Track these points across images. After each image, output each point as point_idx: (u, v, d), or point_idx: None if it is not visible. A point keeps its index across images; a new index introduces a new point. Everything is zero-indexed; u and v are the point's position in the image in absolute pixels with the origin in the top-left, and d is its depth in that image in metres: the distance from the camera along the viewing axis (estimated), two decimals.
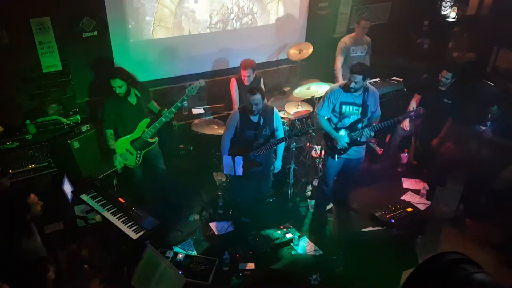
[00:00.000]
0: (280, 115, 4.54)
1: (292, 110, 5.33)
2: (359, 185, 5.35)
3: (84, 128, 4.90)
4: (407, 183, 5.61)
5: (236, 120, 4.22)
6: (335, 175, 4.71)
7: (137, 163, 4.61)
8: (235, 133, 4.27)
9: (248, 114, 4.16)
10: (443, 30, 6.82)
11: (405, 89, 6.36)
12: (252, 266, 4.28)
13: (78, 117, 5.02)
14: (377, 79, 6.27)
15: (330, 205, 5.15)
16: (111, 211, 4.16)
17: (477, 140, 4.84)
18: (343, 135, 4.37)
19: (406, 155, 5.93)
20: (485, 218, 4.93)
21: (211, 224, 4.84)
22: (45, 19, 4.71)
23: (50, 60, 4.92)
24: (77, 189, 4.42)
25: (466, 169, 5.16)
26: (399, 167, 5.90)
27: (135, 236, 3.90)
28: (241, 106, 4.38)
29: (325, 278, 3.96)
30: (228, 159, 4.24)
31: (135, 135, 4.51)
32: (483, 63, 6.52)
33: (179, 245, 4.50)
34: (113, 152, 4.48)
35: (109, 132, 4.49)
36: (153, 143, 4.63)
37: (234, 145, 4.31)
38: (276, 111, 4.33)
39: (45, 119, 4.90)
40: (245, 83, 5.21)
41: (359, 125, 4.33)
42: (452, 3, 6.61)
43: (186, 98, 4.44)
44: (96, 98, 5.31)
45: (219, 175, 5.43)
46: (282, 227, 4.72)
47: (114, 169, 5.10)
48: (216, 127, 5.41)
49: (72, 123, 4.95)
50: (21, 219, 3.05)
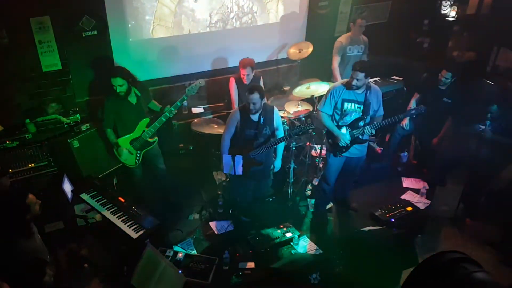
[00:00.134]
0: (280, 114, 4.54)
1: (292, 110, 5.33)
2: (359, 184, 5.37)
3: (84, 127, 4.89)
4: (407, 182, 5.61)
5: (236, 119, 4.22)
6: (337, 173, 4.71)
7: (136, 162, 4.61)
8: (235, 132, 4.27)
9: (248, 113, 4.17)
10: (443, 29, 6.80)
11: (405, 88, 6.36)
12: (252, 265, 4.28)
13: (78, 116, 5.01)
14: (377, 78, 6.27)
15: (330, 205, 5.15)
16: (111, 210, 4.16)
17: (477, 139, 4.84)
18: (345, 132, 4.38)
19: (406, 154, 5.94)
20: (485, 217, 4.94)
21: (211, 223, 4.85)
22: (45, 18, 4.71)
23: (50, 60, 4.92)
24: (77, 188, 4.41)
25: (466, 168, 5.17)
26: (399, 166, 5.90)
27: (135, 235, 3.90)
28: (241, 105, 4.38)
29: (325, 277, 3.95)
30: (228, 158, 4.24)
31: (135, 134, 4.51)
32: (483, 62, 6.50)
33: (179, 244, 4.51)
34: (117, 146, 4.49)
35: (109, 130, 4.51)
36: (153, 142, 4.63)
37: (234, 144, 4.31)
38: (276, 110, 4.33)
39: (45, 118, 4.89)
40: (245, 82, 5.20)
41: (360, 123, 4.34)
42: (452, 2, 6.60)
43: (186, 97, 4.45)
44: (96, 97, 5.31)
45: (219, 174, 5.43)
46: (282, 226, 4.72)
47: (114, 168, 5.11)
48: (216, 126, 5.41)
49: (72, 122, 4.94)
50: (21, 219, 3.05)
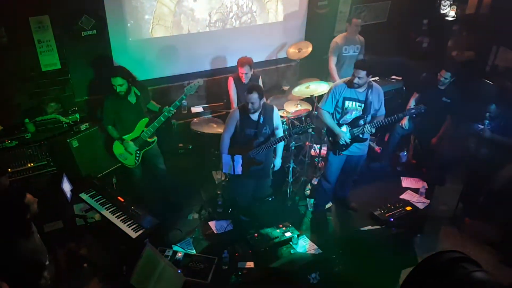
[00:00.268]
0: (280, 114, 4.54)
1: (291, 109, 5.33)
2: (358, 183, 5.37)
3: (83, 127, 4.88)
4: (406, 182, 5.61)
5: (236, 118, 4.22)
6: (337, 172, 4.71)
7: (136, 162, 4.60)
8: (235, 132, 4.27)
9: (247, 112, 4.16)
10: (442, 29, 6.81)
11: (404, 88, 6.37)
12: (251, 265, 4.28)
13: (77, 115, 5.00)
14: (376, 78, 6.27)
15: (329, 204, 5.15)
16: (110, 210, 4.15)
17: (476, 139, 4.84)
18: (345, 131, 4.38)
19: (405, 154, 5.94)
20: (484, 217, 4.94)
21: (210, 223, 4.85)
22: (44, 17, 4.70)
23: (49, 59, 4.91)
24: (76, 187, 4.41)
25: (465, 167, 5.17)
26: (398, 165, 5.90)
27: (134, 235, 3.90)
28: (240, 105, 4.38)
29: (324, 277, 3.96)
30: (227, 158, 4.24)
31: (134, 134, 4.51)
32: (482, 62, 6.51)
33: (178, 244, 4.50)
34: (122, 140, 4.49)
35: (110, 127, 4.50)
36: (152, 142, 4.63)
37: (234, 144, 4.31)
38: (275, 109, 4.33)
39: (44, 118, 4.88)
40: (243, 80, 5.20)
41: (361, 121, 4.34)
42: (451, 2, 6.61)
43: (184, 97, 4.45)
44: (95, 96, 5.30)
45: (218, 174, 5.43)
46: (281, 226, 4.72)
47: (113, 168, 5.10)
48: (215, 125, 5.41)
49: (71, 122, 4.93)
50: (20, 218, 3.05)
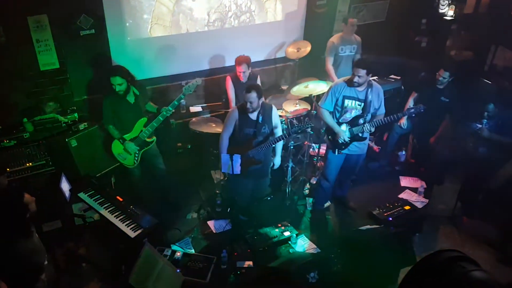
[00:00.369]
0: (278, 113, 4.54)
1: (290, 109, 5.33)
2: (357, 183, 5.37)
3: (82, 126, 4.88)
4: (405, 181, 5.61)
5: (234, 118, 4.21)
6: (336, 171, 4.71)
7: (135, 162, 4.59)
8: (233, 131, 4.27)
9: (246, 112, 4.16)
10: (440, 29, 6.81)
11: (402, 87, 6.37)
12: (250, 264, 4.28)
13: (76, 115, 5.00)
14: (375, 77, 6.27)
15: (328, 203, 5.15)
16: (109, 210, 4.15)
17: (474, 138, 4.85)
18: (345, 130, 4.39)
19: (404, 153, 5.94)
20: (483, 216, 4.95)
21: (209, 223, 4.85)
22: (42, 16, 4.69)
23: (48, 58, 4.91)
24: (75, 187, 4.40)
25: (463, 167, 5.18)
26: (396, 165, 5.91)
27: (133, 235, 3.90)
28: (239, 104, 4.37)
29: (323, 276, 3.96)
30: (226, 158, 4.23)
31: (133, 134, 4.50)
32: (480, 61, 6.52)
33: (177, 243, 4.50)
34: (123, 140, 4.47)
35: (111, 127, 4.48)
36: (151, 142, 4.62)
37: (233, 143, 4.31)
38: (274, 108, 4.33)
39: (43, 117, 4.88)
40: (241, 79, 5.20)
41: (360, 120, 4.35)
42: (450, 2, 6.61)
43: (183, 96, 4.44)
44: (94, 96, 5.30)
45: (217, 173, 5.43)
46: (280, 225, 4.72)
47: (111, 167, 5.09)
48: (214, 125, 5.40)
49: (69, 121, 4.93)
50: (20, 218, 3.04)
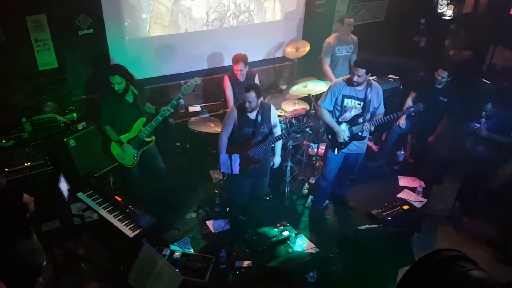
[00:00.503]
0: (277, 113, 4.54)
1: (289, 108, 5.33)
2: (356, 183, 5.38)
3: (80, 126, 4.87)
4: (404, 180, 5.62)
5: (233, 118, 4.21)
6: (336, 170, 4.71)
7: (134, 162, 4.59)
8: (232, 131, 4.27)
9: (245, 111, 4.16)
10: (439, 28, 6.82)
11: (401, 87, 6.37)
12: (248, 264, 4.27)
13: (74, 115, 4.99)
14: (373, 77, 6.27)
15: (326, 202, 5.15)
16: (107, 209, 4.14)
17: (472, 137, 4.85)
18: (344, 129, 4.39)
19: (403, 153, 5.95)
20: (482, 216, 4.96)
21: (208, 222, 4.84)
22: (41, 16, 4.68)
23: (46, 58, 4.90)
24: (74, 187, 4.39)
25: (462, 166, 5.18)
26: (395, 164, 5.91)
27: (131, 234, 3.89)
28: (238, 104, 4.37)
29: (322, 275, 3.96)
30: (225, 157, 4.23)
31: (132, 134, 4.49)
32: (479, 61, 6.53)
33: (176, 243, 4.50)
34: (121, 143, 4.46)
35: (108, 128, 4.46)
36: (150, 142, 4.61)
37: (232, 143, 4.31)
38: (273, 108, 4.34)
39: (41, 117, 4.87)
40: (238, 77, 5.19)
41: (360, 119, 4.35)
42: (448, 1, 6.62)
43: (182, 96, 4.44)
44: (93, 96, 5.29)
45: (216, 173, 5.43)
46: (279, 225, 4.72)
47: (110, 167, 5.09)
48: (212, 125, 5.40)
49: (68, 121, 4.92)
50: (20, 218, 3.04)
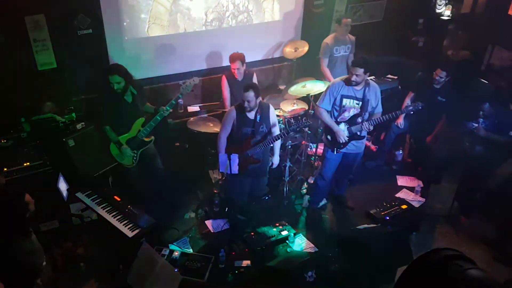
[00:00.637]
0: (276, 113, 4.55)
1: (287, 108, 5.34)
2: (354, 182, 5.39)
3: (79, 126, 4.87)
4: (402, 180, 5.63)
5: (232, 117, 4.22)
6: (333, 169, 4.72)
7: (134, 162, 4.59)
8: (231, 130, 4.28)
9: (244, 111, 4.17)
10: (438, 28, 6.84)
11: (399, 87, 6.38)
12: (248, 263, 4.29)
13: (73, 115, 4.98)
14: (371, 77, 6.27)
15: (324, 202, 5.16)
16: (106, 209, 4.14)
17: (470, 137, 4.87)
18: (343, 129, 4.40)
19: (401, 152, 5.96)
20: (480, 215, 4.97)
21: (207, 222, 4.85)
22: (40, 16, 4.69)
23: (45, 58, 4.90)
24: (73, 187, 4.39)
25: (460, 166, 5.19)
26: (394, 164, 5.92)
27: (130, 234, 3.89)
28: (237, 104, 4.38)
29: (321, 275, 3.98)
30: (224, 157, 4.24)
31: (131, 134, 4.49)
32: (477, 61, 6.55)
33: (175, 243, 4.50)
34: (120, 144, 4.46)
35: (108, 128, 4.46)
36: (149, 142, 4.61)
37: (231, 142, 4.31)
38: (272, 107, 4.35)
39: (40, 117, 4.86)
40: (236, 76, 5.20)
41: (358, 119, 4.36)
42: (447, 1, 6.63)
43: (181, 96, 4.44)
44: (92, 96, 5.28)
45: (215, 173, 5.43)
46: (277, 224, 4.73)
47: (109, 167, 5.08)
48: (211, 125, 5.40)
49: (67, 121, 4.91)
50: (19, 218, 3.04)
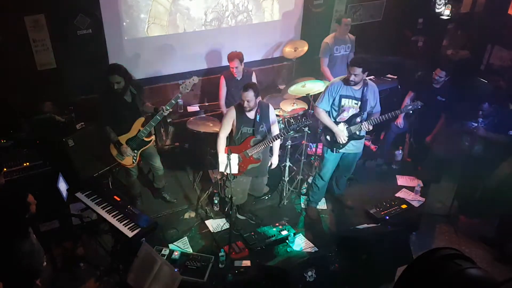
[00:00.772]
0: (276, 113, 4.55)
1: (287, 108, 5.34)
2: (354, 182, 5.39)
3: (79, 126, 4.88)
4: (402, 180, 5.64)
5: (232, 117, 4.22)
6: (332, 169, 4.72)
7: (133, 162, 4.58)
8: (231, 130, 4.28)
9: (243, 111, 4.17)
10: (437, 28, 6.84)
11: (399, 87, 6.39)
12: (247, 263, 4.29)
13: (73, 115, 4.99)
14: (371, 77, 6.28)
15: (322, 201, 5.16)
16: (106, 209, 4.12)
17: (470, 137, 4.87)
18: (342, 129, 4.40)
19: (401, 152, 5.96)
20: (479, 215, 4.98)
21: (206, 222, 4.85)
22: (39, 16, 4.69)
23: (45, 58, 4.90)
24: (72, 187, 4.39)
25: (459, 165, 5.20)
26: (393, 164, 5.93)
27: (130, 234, 3.88)
28: (236, 103, 4.38)
29: (321, 274, 3.97)
30: (224, 157, 4.24)
31: (131, 134, 4.48)
32: (477, 61, 6.56)
33: (174, 243, 4.50)
34: (119, 144, 4.45)
35: (108, 128, 4.44)
36: (149, 142, 4.61)
37: (231, 142, 4.31)
38: (271, 107, 4.35)
39: (40, 117, 4.87)
40: (235, 75, 5.20)
41: (357, 119, 4.36)
42: (446, 1, 6.63)
43: (180, 95, 4.43)
44: (91, 96, 5.28)
45: (214, 172, 5.43)
46: (277, 224, 4.74)
47: (109, 167, 5.08)
48: (211, 124, 5.40)
49: (66, 121, 4.92)
50: (19, 218, 3.04)
